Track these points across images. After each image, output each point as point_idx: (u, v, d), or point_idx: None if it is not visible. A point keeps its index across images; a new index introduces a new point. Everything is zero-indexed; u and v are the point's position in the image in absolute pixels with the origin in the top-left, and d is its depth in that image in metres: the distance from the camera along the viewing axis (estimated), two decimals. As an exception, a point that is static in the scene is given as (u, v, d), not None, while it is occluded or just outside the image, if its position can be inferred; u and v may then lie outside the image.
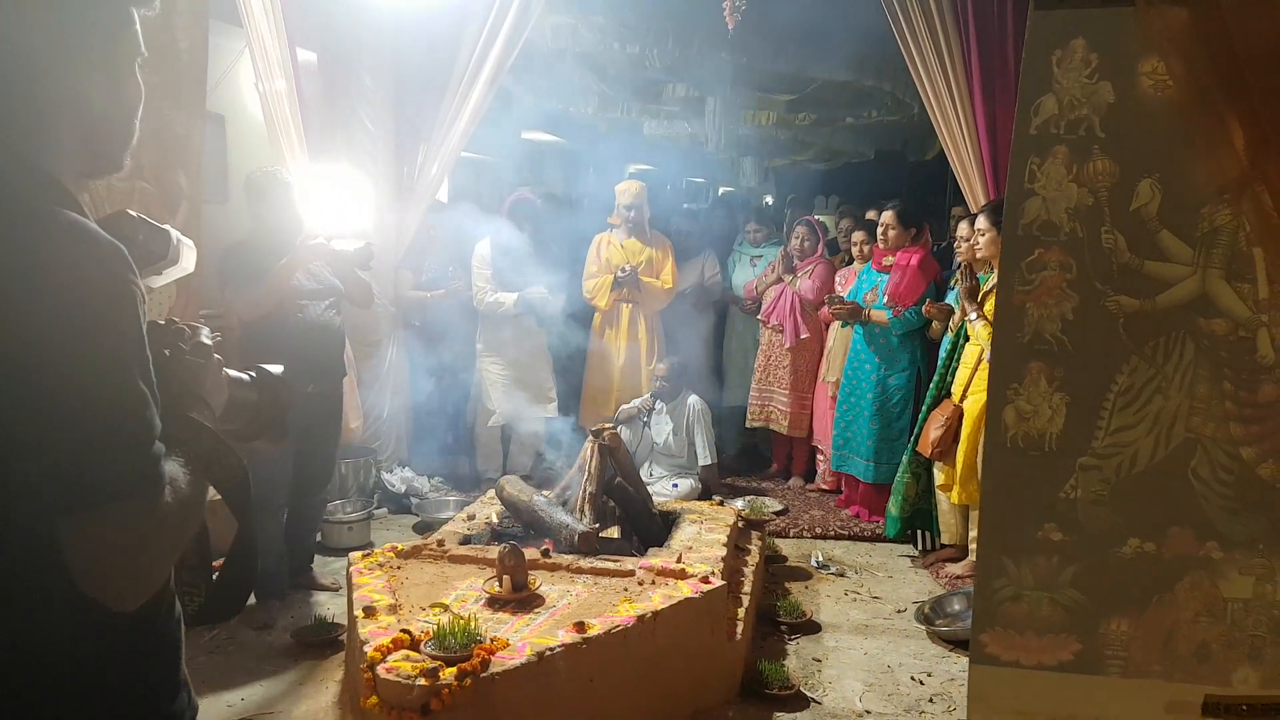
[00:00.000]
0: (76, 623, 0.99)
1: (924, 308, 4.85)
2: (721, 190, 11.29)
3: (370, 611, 2.86)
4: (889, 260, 5.16)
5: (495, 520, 3.99)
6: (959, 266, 4.67)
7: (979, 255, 4.24)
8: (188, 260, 1.25)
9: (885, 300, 5.05)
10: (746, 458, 6.54)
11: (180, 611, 1.19)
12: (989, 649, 1.66)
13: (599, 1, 5.91)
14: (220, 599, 1.20)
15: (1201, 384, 1.56)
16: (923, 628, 3.84)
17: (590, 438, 3.99)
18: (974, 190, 4.90)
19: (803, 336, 5.81)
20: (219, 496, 1.16)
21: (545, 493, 4.00)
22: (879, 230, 5.26)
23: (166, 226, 1.22)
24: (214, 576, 1.23)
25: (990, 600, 1.64)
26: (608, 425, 4.17)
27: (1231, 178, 1.50)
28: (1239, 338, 1.54)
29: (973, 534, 4.32)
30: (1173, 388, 1.56)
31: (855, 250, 5.70)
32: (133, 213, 1.17)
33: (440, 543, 3.51)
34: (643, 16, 5.92)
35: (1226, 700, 1.50)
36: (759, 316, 6.09)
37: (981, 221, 4.22)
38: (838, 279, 5.78)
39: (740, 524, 4.19)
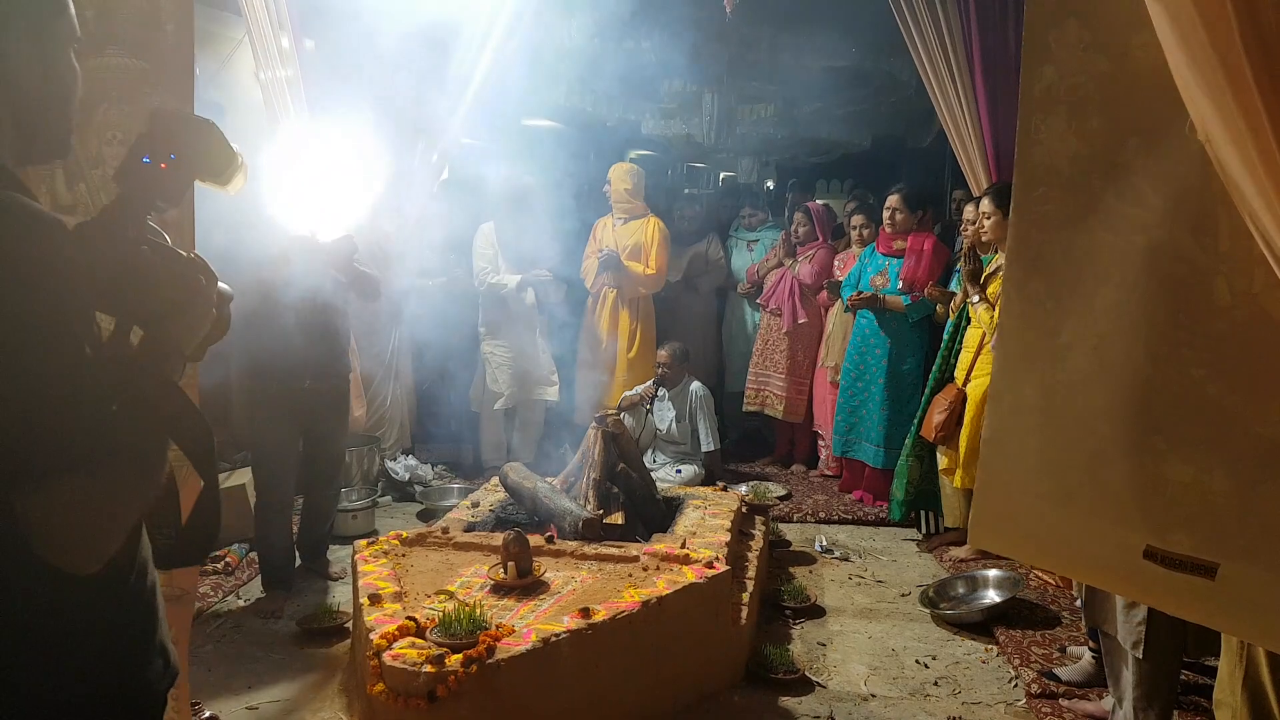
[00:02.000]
0: (40, 590, 1.02)
1: (926, 291, 4.84)
2: (723, 175, 11.26)
3: (375, 599, 2.87)
4: (899, 244, 5.14)
5: (499, 507, 3.99)
6: (961, 249, 4.65)
7: (984, 238, 4.21)
8: (236, 187, 1.27)
9: (901, 285, 5.04)
10: (749, 443, 6.55)
11: (155, 579, 1.21)
12: (991, 466, 2.09)
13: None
14: (184, 546, 1.21)
15: (1162, 313, 1.77)
16: (927, 611, 3.85)
17: (594, 424, 3.99)
18: (975, 172, 4.87)
19: (800, 321, 5.80)
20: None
21: (549, 479, 4.00)
22: (885, 214, 5.24)
23: (237, 147, 1.23)
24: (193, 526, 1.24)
25: (994, 433, 2.08)
26: (611, 412, 4.18)
27: (1201, 144, 1.63)
28: (1196, 281, 1.73)
29: (976, 517, 4.32)
30: (1139, 312, 1.81)
31: (854, 234, 5.68)
32: (217, 125, 1.21)
33: (444, 530, 3.51)
34: (638, 9, 5.88)
35: (1163, 552, 1.77)
36: (759, 300, 6.08)
37: (986, 204, 4.17)
38: (836, 263, 5.76)
39: (744, 509, 4.19)
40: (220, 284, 1.24)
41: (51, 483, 0.96)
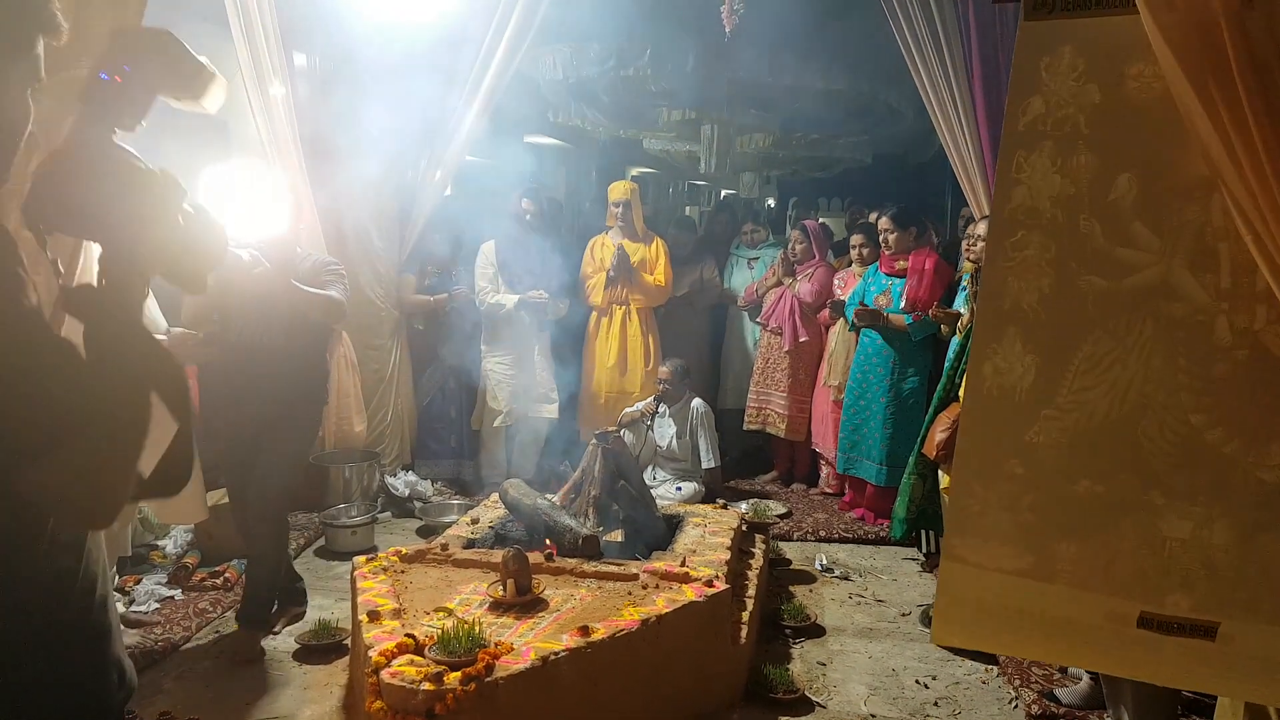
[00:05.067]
0: None
1: (931, 313, 4.84)
2: (724, 193, 11.31)
3: (374, 616, 2.87)
4: (902, 264, 5.15)
5: (499, 524, 3.98)
6: (961, 268, 4.66)
7: None
8: (212, 101, 1.26)
9: (903, 304, 5.05)
10: (750, 461, 6.54)
11: (107, 594, 1.23)
12: (958, 551, 1.91)
13: (594, 28, 5.92)
14: (160, 480, 1.21)
15: (1157, 358, 1.72)
16: (927, 631, 3.83)
17: (594, 441, 3.99)
18: (976, 190, 4.90)
19: (802, 340, 5.80)
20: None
21: (549, 496, 4.00)
22: (880, 237, 5.26)
23: (203, 59, 1.23)
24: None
25: (961, 514, 1.91)
26: (611, 429, 4.18)
27: (1203, 176, 1.62)
28: (1197, 321, 1.69)
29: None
30: (1131, 359, 1.74)
31: (854, 253, 5.70)
32: (175, 35, 1.21)
33: (444, 546, 3.51)
34: (636, 39, 5.93)
35: (1159, 617, 1.71)
36: (758, 319, 6.08)
37: None
38: (836, 281, 5.77)
39: (744, 527, 4.18)
40: (212, 214, 1.24)
41: (45, 460, 1.00)
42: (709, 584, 3.16)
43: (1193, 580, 1.69)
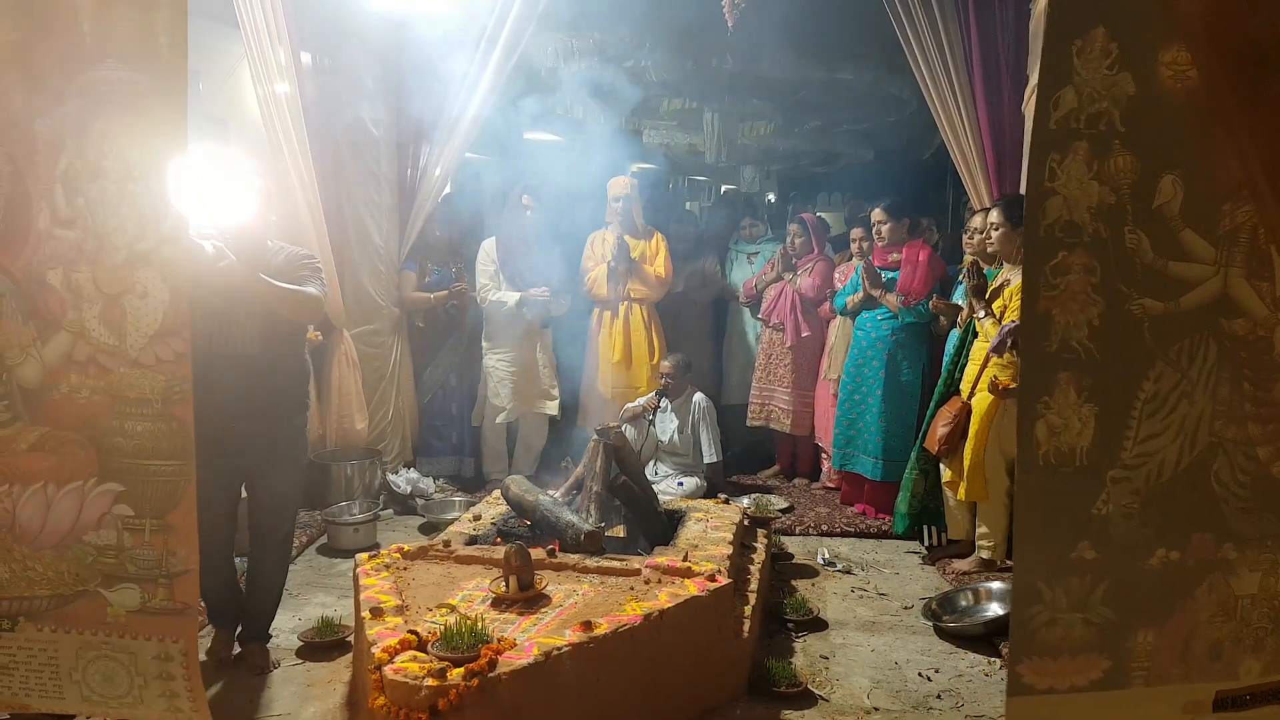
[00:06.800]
0: None
1: (931, 304, 4.85)
2: (724, 188, 11.29)
3: (377, 613, 2.87)
4: (895, 256, 5.16)
5: (501, 520, 3.99)
6: (965, 263, 4.66)
7: (990, 250, 4.22)
8: None
9: (896, 292, 5.07)
10: (751, 456, 6.54)
11: None
12: (1025, 679, 1.61)
13: (594, 17, 5.91)
14: None
15: (1224, 386, 1.54)
16: (930, 624, 3.84)
17: (595, 437, 3.99)
18: (976, 184, 4.90)
19: (804, 335, 5.80)
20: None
21: (551, 492, 4.00)
22: (873, 229, 5.27)
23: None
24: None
25: (1026, 629, 1.60)
26: (613, 424, 4.17)
27: (1249, 173, 1.48)
28: (1258, 337, 1.53)
29: (980, 529, 4.32)
30: (1198, 391, 1.54)
31: (854, 247, 5.70)
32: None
33: (446, 543, 3.51)
34: (638, 29, 5.93)
35: (1234, 693, 1.54)
36: (759, 315, 6.08)
37: (995, 215, 4.17)
38: (837, 275, 5.78)
39: (746, 522, 4.18)
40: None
41: None
42: (711, 579, 3.16)
43: (1262, 639, 1.55)
